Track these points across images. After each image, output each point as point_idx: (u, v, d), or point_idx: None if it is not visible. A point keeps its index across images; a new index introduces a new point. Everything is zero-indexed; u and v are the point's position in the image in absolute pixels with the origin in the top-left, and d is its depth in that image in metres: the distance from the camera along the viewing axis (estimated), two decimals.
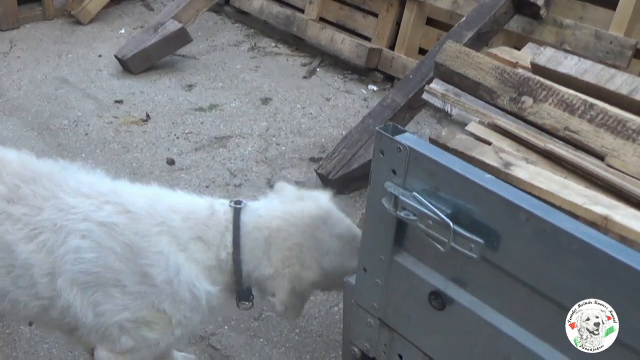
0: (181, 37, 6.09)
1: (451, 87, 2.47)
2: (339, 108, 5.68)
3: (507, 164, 1.79)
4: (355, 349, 2.09)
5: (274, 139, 5.17)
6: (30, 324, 3.26)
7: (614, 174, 1.89)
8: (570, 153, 1.96)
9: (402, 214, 1.69)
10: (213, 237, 2.27)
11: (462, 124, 2.32)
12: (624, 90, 2.30)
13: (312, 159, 4.92)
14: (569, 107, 2.20)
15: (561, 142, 2.14)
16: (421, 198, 1.67)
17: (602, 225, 1.64)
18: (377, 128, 1.75)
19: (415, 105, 4.64)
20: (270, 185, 4.59)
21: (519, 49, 4.99)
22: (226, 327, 3.46)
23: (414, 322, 1.88)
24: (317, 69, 6.32)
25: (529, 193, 1.73)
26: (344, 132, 5.26)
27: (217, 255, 2.28)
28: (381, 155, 1.76)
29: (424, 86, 4.57)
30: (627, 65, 4.60)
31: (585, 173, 1.89)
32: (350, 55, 6.10)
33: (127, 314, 2.25)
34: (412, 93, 4.58)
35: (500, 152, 1.84)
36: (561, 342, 1.56)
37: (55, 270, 2.22)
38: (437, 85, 2.51)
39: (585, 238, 1.42)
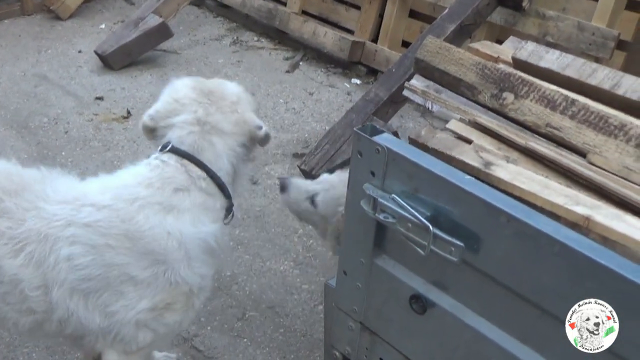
0: (162, 32, 6.02)
1: (432, 83, 2.43)
2: (322, 102, 5.63)
3: (488, 164, 1.76)
4: (337, 353, 2.06)
5: None
6: None
7: (595, 172, 1.86)
8: (552, 151, 1.93)
9: (381, 216, 1.66)
10: (184, 181, 2.26)
11: (444, 121, 2.28)
12: (605, 85, 2.27)
13: (296, 155, 4.88)
14: (550, 103, 2.17)
15: (543, 139, 2.11)
16: (400, 200, 1.64)
17: (583, 225, 1.61)
18: (355, 129, 1.72)
19: (398, 99, 4.60)
20: (254, 182, 4.55)
21: (501, 41, 4.97)
22: (209, 327, 3.42)
23: (395, 325, 1.85)
24: (300, 63, 6.26)
25: (510, 193, 1.70)
26: (327, 127, 5.22)
27: (200, 190, 2.28)
28: (359, 157, 1.73)
29: (407, 80, 4.56)
30: (609, 56, 4.59)
31: (567, 171, 1.86)
32: (333, 49, 6.05)
33: (145, 303, 2.22)
34: (395, 87, 4.54)
35: (480, 151, 1.81)
36: (542, 344, 1.54)
37: (48, 282, 2.18)
38: (417, 82, 2.47)
39: (566, 241, 1.40)
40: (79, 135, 4.99)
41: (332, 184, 2.77)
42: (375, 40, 6.07)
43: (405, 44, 5.89)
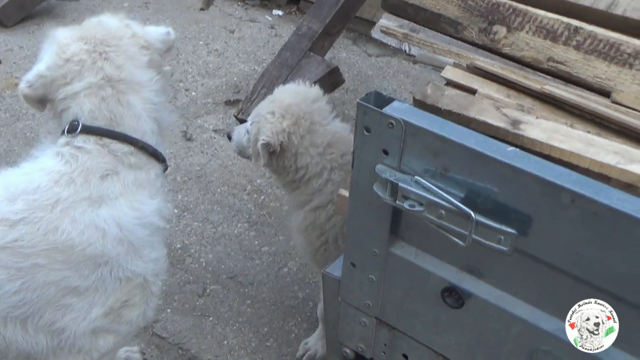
0: None
1: (405, 22, 2.11)
2: (245, 40, 5.20)
3: (515, 122, 1.48)
4: (348, 350, 1.79)
5: (181, 84, 4.68)
6: None
7: (627, 114, 1.61)
8: (572, 93, 1.67)
9: (405, 204, 1.36)
10: (109, 163, 1.95)
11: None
12: (600, 5, 2.00)
13: (228, 102, 4.49)
14: (550, 34, 1.89)
15: (549, 76, 1.85)
16: (427, 183, 1.35)
17: None
18: (358, 100, 1.40)
19: (333, 31, 4.26)
20: (188, 138, 4.15)
21: None
22: (169, 310, 3.11)
23: (422, 319, 1.59)
24: None
25: (548, 156, 1.43)
26: (256, 67, 4.85)
27: (129, 167, 1.98)
28: (366, 133, 1.41)
29: (341, 8, 4.21)
30: None
31: (594, 116, 1.61)
32: None
33: (97, 310, 1.95)
34: (329, 18, 4.18)
35: (502, 107, 1.53)
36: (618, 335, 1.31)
37: None
38: (390, 22, 2.15)
39: None
40: None
41: (257, 109, 2.59)
42: None
43: None
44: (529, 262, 1.35)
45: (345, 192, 1.72)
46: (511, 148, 1.29)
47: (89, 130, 1.95)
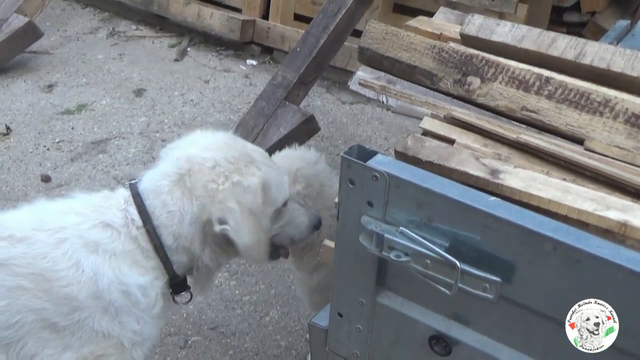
0: (30, 33, 5.40)
1: (382, 74, 2.17)
2: (220, 90, 5.26)
3: (495, 172, 1.53)
4: None
5: (157, 134, 4.70)
6: None
7: (599, 161, 1.67)
8: (547, 142, 1.73)
9: (391, 255, 1.39)
10: (116, 217, 1.92)
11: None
12: (569, 55, 2.08)
13: None
14: (522, 84, 1.96)
15: (523, 125, 1.91)
16: (411, 234, 1.38)
17: (619, 232, 1.42)
18: (342, 154, 1.43)
19: (307, 80, 4.33)
20: None
21: (400, 5, 4.78)
22: None
23: None
24: (188, 49, 5.83)
25: (527, 204, 1.48)
26: (231, 117, 4.90)
27: (130, 237, 1.93)
28: (351, 186, 1.45)
29: (314, 58, 4.29)
30: (514, 11, 4.49)
31: (569, 164, 1.67)
32: (222, 30, 5.66)
33: (70, 354, 1.90)
34: (303, 68, 4.25)
35: (481, 157, 1.59)
36: None
37: None
38: (365, 73, 2.20)
39: (631, 266, 1.19)
40: None
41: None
42: (265, 16, 5.72)
43: (299, 18, 5.58)
44: (514, 309, 1.38)
45: (329, 243, 1.74)
46: (493, 198, 1.34)
47: (132, 187, 1.98)
